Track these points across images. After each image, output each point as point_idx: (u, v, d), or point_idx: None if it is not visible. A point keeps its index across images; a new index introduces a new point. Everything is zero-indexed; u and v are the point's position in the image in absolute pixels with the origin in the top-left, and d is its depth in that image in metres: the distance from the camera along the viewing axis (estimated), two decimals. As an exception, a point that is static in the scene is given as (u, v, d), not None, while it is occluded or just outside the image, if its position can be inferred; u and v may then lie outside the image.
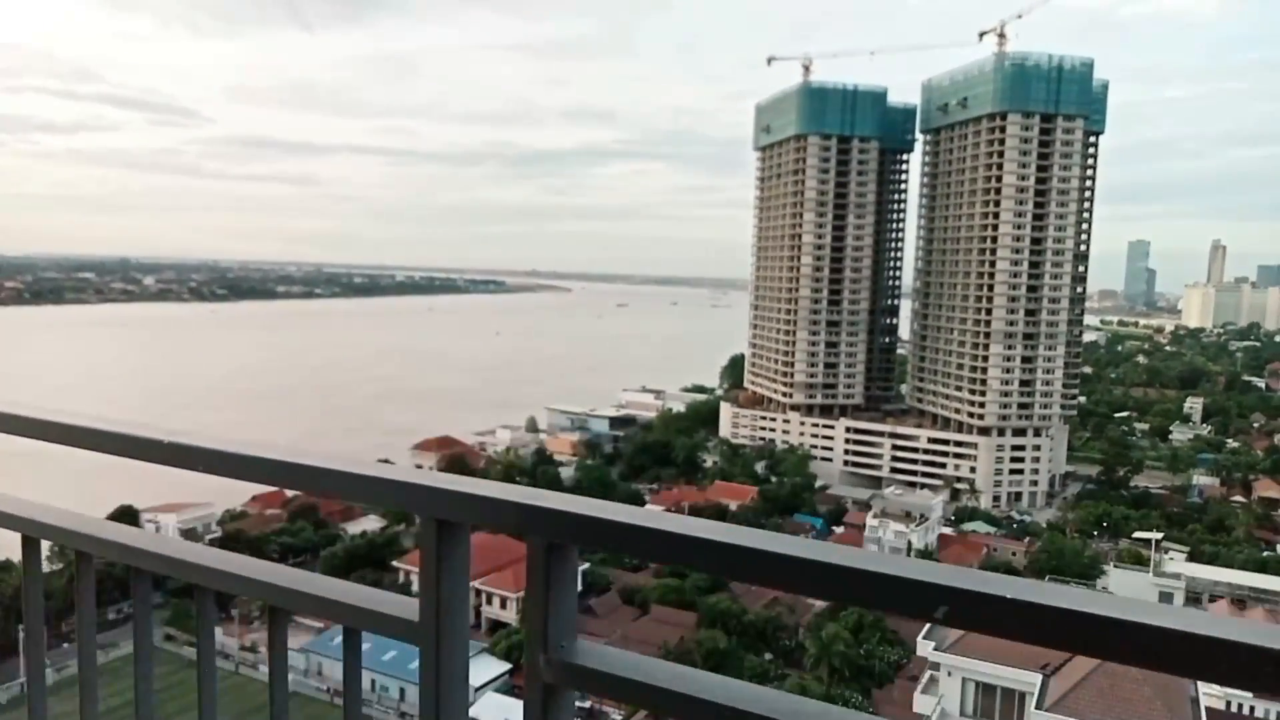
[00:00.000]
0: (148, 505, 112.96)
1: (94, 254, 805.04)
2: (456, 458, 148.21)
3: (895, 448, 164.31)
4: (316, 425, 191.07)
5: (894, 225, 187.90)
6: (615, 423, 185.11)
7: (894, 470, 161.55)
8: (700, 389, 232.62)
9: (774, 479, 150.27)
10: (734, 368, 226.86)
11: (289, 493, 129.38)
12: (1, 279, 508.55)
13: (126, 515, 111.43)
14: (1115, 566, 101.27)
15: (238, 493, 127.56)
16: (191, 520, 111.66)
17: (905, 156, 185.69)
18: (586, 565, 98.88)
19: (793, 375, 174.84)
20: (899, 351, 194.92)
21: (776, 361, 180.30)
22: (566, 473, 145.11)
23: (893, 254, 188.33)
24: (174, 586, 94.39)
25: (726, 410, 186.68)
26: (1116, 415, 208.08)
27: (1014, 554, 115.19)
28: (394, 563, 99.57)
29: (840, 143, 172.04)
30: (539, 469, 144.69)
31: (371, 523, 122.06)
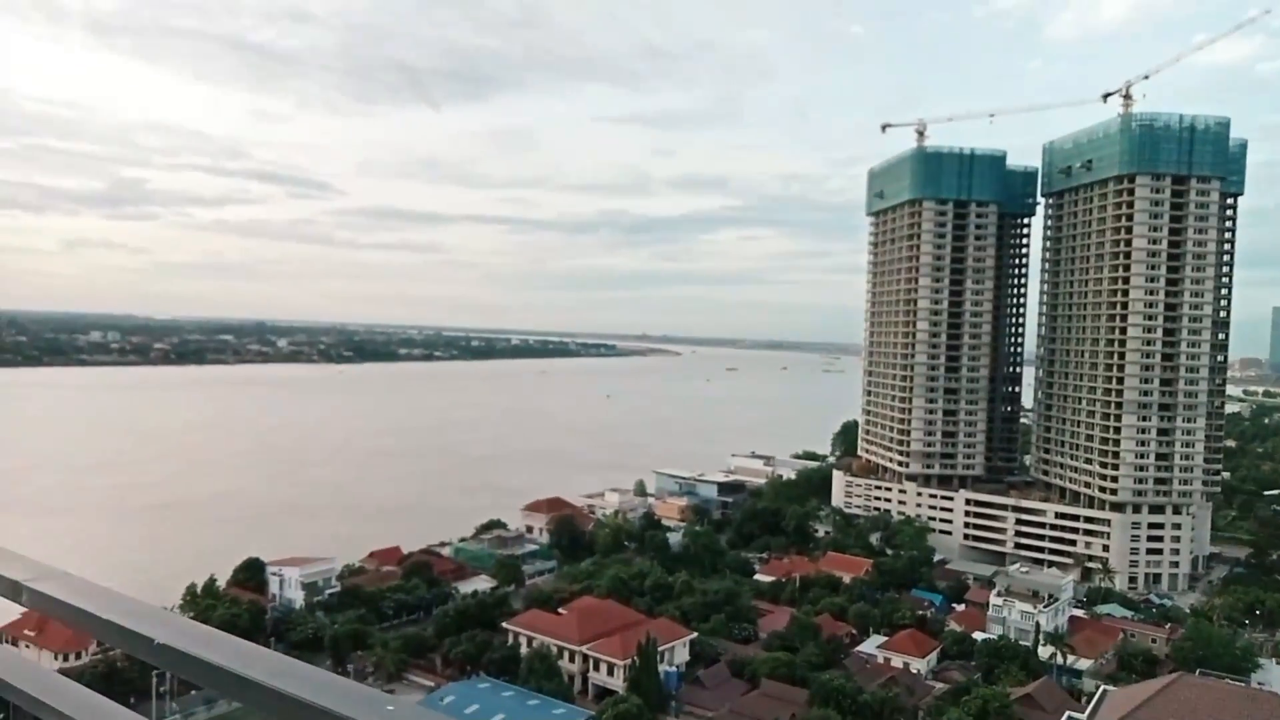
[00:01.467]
0: (274, 559, 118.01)
1: (234, 317, 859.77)
2: (565, 519, 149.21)
3: (1020, 522, 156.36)
4: (434, 484, 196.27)
5: (1015, 290, 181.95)
6: (724, 488, 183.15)
7: (1019, 546, 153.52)
8: (812, 456, 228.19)
9: (889, 551, 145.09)
10: (847, 434, 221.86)
11: (405, 549, 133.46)
12: (152, 340, 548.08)
13: (253, 567, 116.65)
14: (1278, 661, 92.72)
15: (358, 547, 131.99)
16: (313, 574, 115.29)
17: (1026, 220, 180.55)
18: (695, 635, 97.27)
19: (909, 443, 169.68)
20: (1022, 420, 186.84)
21: (892, 429, 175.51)
22: (674, 538, 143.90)
23: (1014, 320, 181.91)
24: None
25: (839, 478, 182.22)
26: (1266, 493, 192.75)
27: (1154, 641, 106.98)
28: (504, 624, 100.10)
29: (957, 207, 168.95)
30: (647, 534, 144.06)
31: (482, 582, 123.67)
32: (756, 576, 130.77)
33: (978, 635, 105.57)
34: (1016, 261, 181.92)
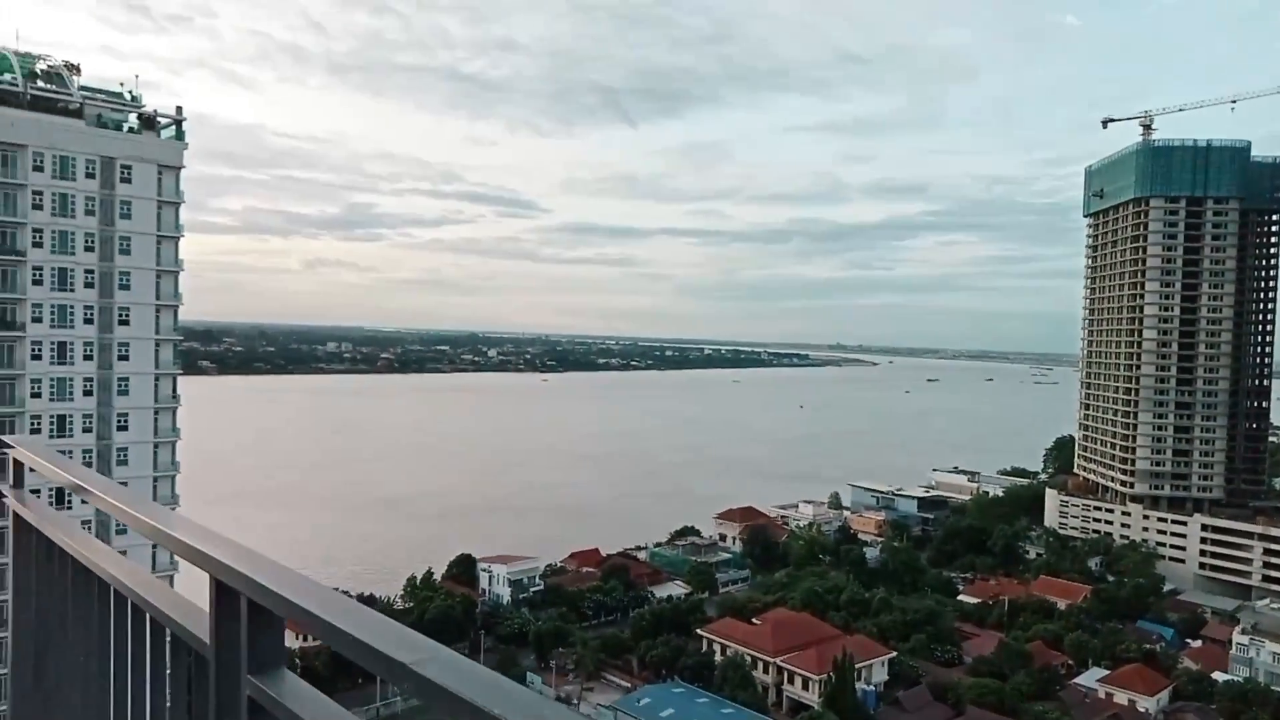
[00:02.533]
0: (484, 555, 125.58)
1: (449, 329, 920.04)
2: (759, 529, 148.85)
3: (1269, 552, 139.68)
4: (631, 488, 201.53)
5: (1262, 294, 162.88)
6: (924, 504, 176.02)
7: (1268, 579, 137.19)
8: (1021, 472, 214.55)
9: (1110, 578, 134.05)
10: (1061, 450, 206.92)
11: (603, 551, 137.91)
12: (378, 350, 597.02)
13: (466, 563, 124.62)
14: None
15: (560, 547, 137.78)
16: (519, 572, 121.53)
17: (1276, 217, 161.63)
18: (894, 654, 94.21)
19: (1133, 462, 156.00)
20: (1270, 439, 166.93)
21: (1114, 445, 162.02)
22: (871, 553, 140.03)
23: (1261, 327, 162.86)
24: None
25: (1052, 497, 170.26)
26: None
27: None
28: (698, 630, 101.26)
29: (1190, 205, 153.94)
30: (842, 547, 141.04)
31: (677, 588, 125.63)
32: (960, 597, 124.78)
33: (1218, 676, 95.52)
34: (1264, 263, 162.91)
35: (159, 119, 76.53)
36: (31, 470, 4.02)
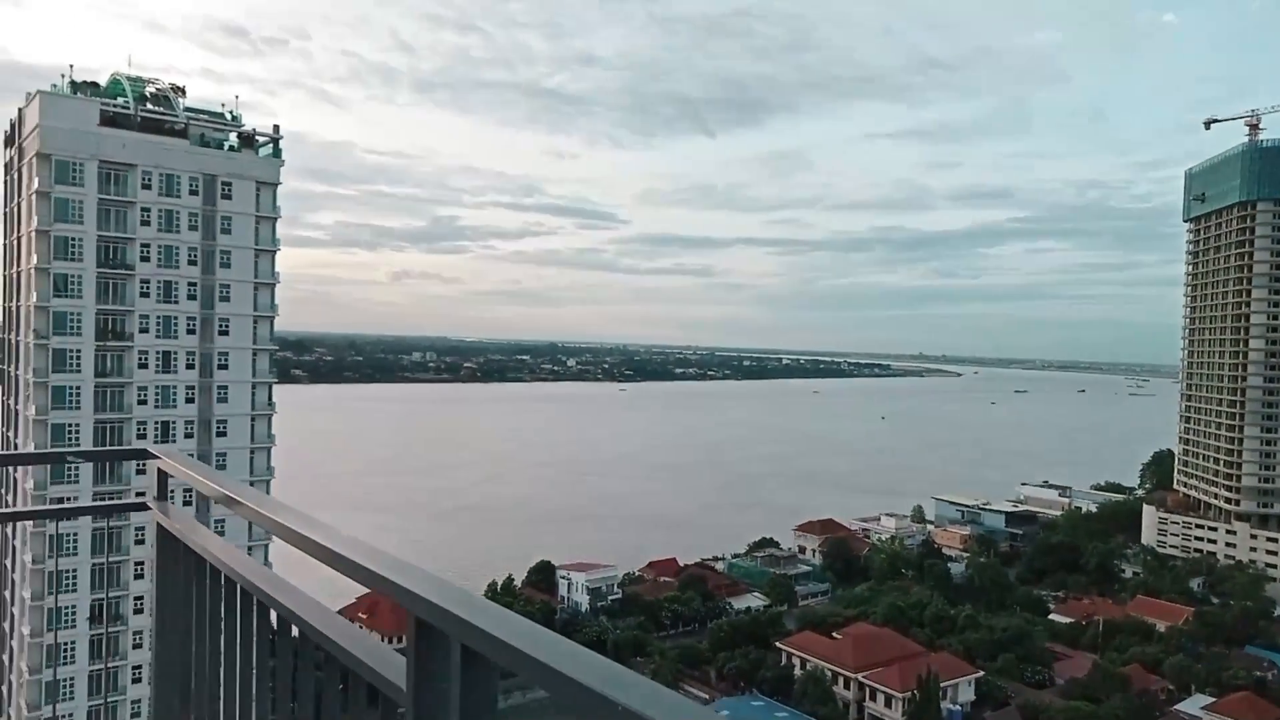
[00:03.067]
0: (563, 563, 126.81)
1: (530, 339, 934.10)
2: (839, 542, 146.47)
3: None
4: (710, 499, 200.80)
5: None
6: (1012, 519, 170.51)
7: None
8: (1116, 487, 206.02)
9: (1215, 599, 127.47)
10: (1159, 465, 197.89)
11: (681, 561, 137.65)
12: (462, 360, 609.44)
13: (545, 570, 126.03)
14: None
15: (637, 556, 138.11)
16: (598, 580, 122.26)
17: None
18: (980, 674, 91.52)
19: (1239, 478, 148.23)
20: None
21: (1217, 461, 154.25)
22: (956, 569, 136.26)
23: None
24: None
25: (1150, 514, 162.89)
26: None
27: None
28: (777, 643, 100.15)
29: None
30: (925, 562, 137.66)
31: (755, 600, 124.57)
32: (1051, 616, 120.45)
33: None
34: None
35: (257, 137, 80.00)
36: (172, 478, 4.00)
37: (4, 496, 79.04)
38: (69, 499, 69.27)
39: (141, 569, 71.26)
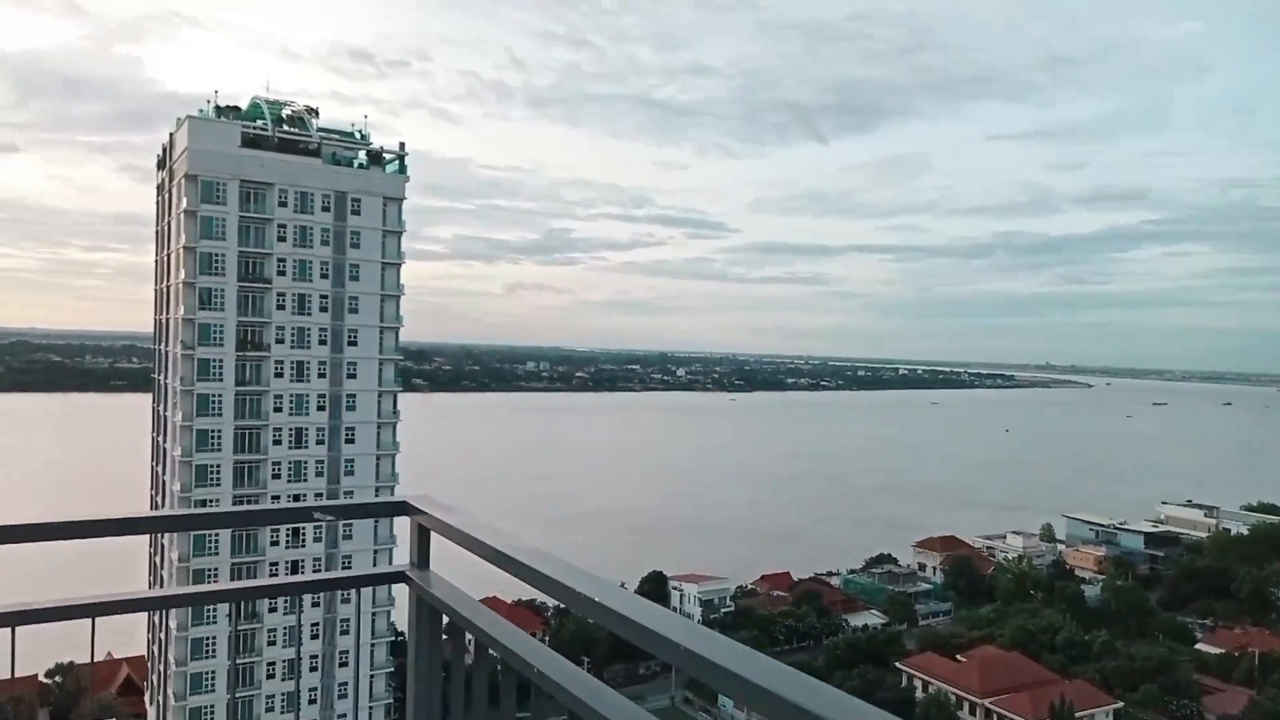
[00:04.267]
0: (675, 573, 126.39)
1: (640, 349, 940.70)
2: (961, 559, 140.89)
3: None
4: (823, 511, 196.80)
5: None
6: (1152, 540, 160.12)
7: None
8: (1271, 508, 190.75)
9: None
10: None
11: (794, 574, 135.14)
12: (573, 370, 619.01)
13: (657, 580, 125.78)
14: None
15: (749, 569, 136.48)
16: (710, 592, 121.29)
17: None
18: (1119, 705, 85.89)
19: None
20: None
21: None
22: (1090, 591, 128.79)
23: None
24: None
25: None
26: None
27: None
28: (897, 664, 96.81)
29: None
30: (1056, 583, 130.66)
31: (872, 617, 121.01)
32: (1198, 646, 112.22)
33: None
34: None
35: (384, 155, 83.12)
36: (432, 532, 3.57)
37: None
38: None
39: (275, 569, 74.78)
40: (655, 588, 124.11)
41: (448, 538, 3.50)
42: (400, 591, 3.63)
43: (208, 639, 72.62)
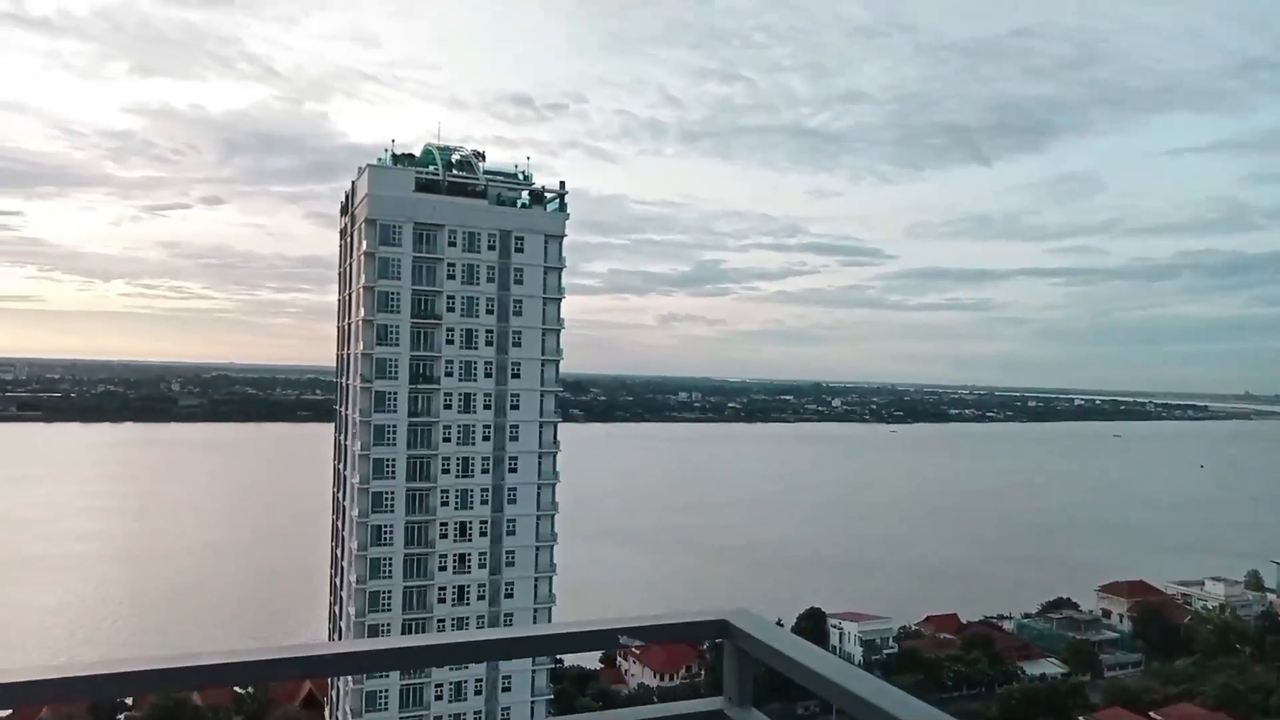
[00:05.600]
0: (833, 611, 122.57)
1: (793, 379, 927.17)
2: (1152, 607, 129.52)
3: None
4: (993, 550, 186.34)
5: None
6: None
7: None
8: None
9: None
10: None
11: (962, 616, 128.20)
12: (725, 400, 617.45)
13: (815, 617, 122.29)
14: None
15: (912, 609, 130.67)
16: (871, 632, 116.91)
17: None
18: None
19: None
20: None
21: None
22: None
23: None
24: None
25: None
26: None
27: None
28: (1080, 717, 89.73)
29: None
30: (1268, 638, 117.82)
31: (1050, 666, 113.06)
32: None
33: None
34: None
35: (545, 194, 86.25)
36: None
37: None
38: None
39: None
40: (813, 624, 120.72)
41: (772, 664, 3.03)
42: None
43: (381, 691, 76.71)
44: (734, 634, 3.13)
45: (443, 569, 79.83)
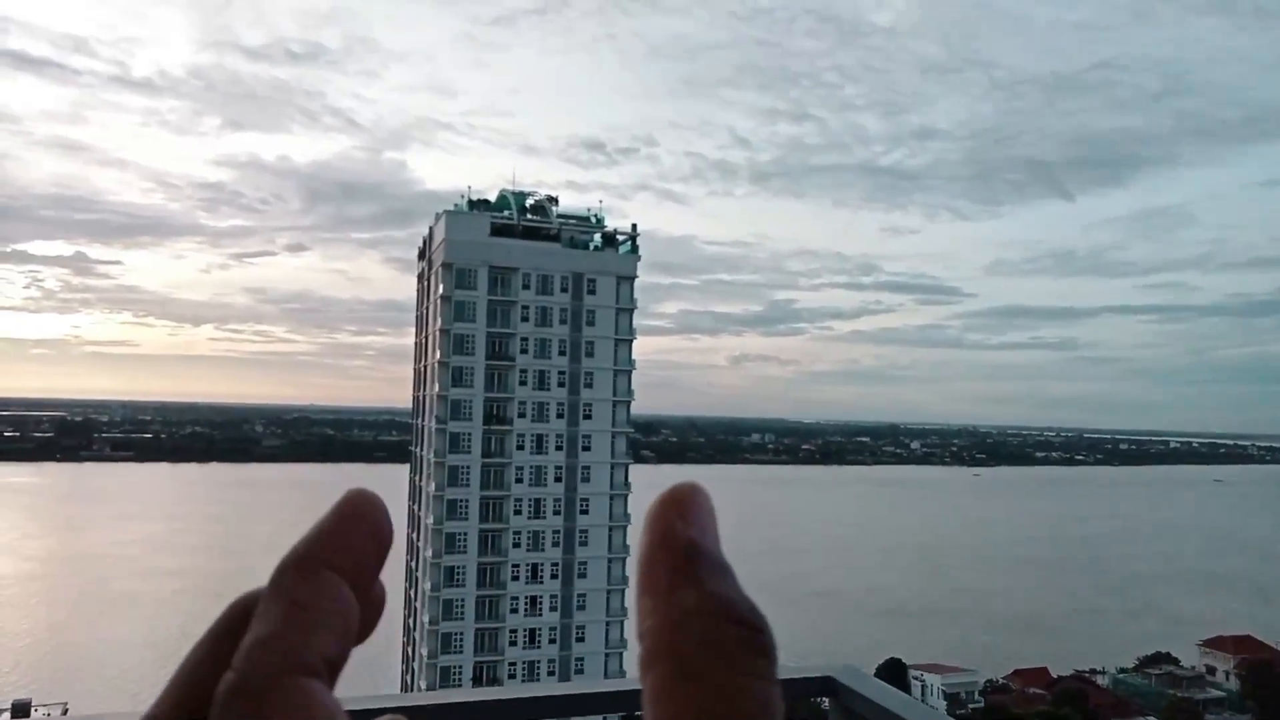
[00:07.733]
0: (914, 662, 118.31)
1: (869, 420, 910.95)
2: (1263, 665, 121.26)
3: None
4: (1083, 601, 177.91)
5: None
6: None
7: None
8: None
9: None
10: None
11: (1052, 671, 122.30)
12: (799, 442, 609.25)
13: (895, 668, 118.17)
14: None
15: (998, 661, 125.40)
16: (956, 685, 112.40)
17: None
18: None
19: None
20: None
21: None
22: None
23: None
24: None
25: None
26: None
27: None
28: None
29: None
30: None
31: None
32: None
33: None
34: None
35: (617, 236, 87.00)
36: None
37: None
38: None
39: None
40: (894, 676, 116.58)
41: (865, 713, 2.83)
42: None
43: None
44: (840, 691, 2.90)
45: (514, 611, 79.74)
